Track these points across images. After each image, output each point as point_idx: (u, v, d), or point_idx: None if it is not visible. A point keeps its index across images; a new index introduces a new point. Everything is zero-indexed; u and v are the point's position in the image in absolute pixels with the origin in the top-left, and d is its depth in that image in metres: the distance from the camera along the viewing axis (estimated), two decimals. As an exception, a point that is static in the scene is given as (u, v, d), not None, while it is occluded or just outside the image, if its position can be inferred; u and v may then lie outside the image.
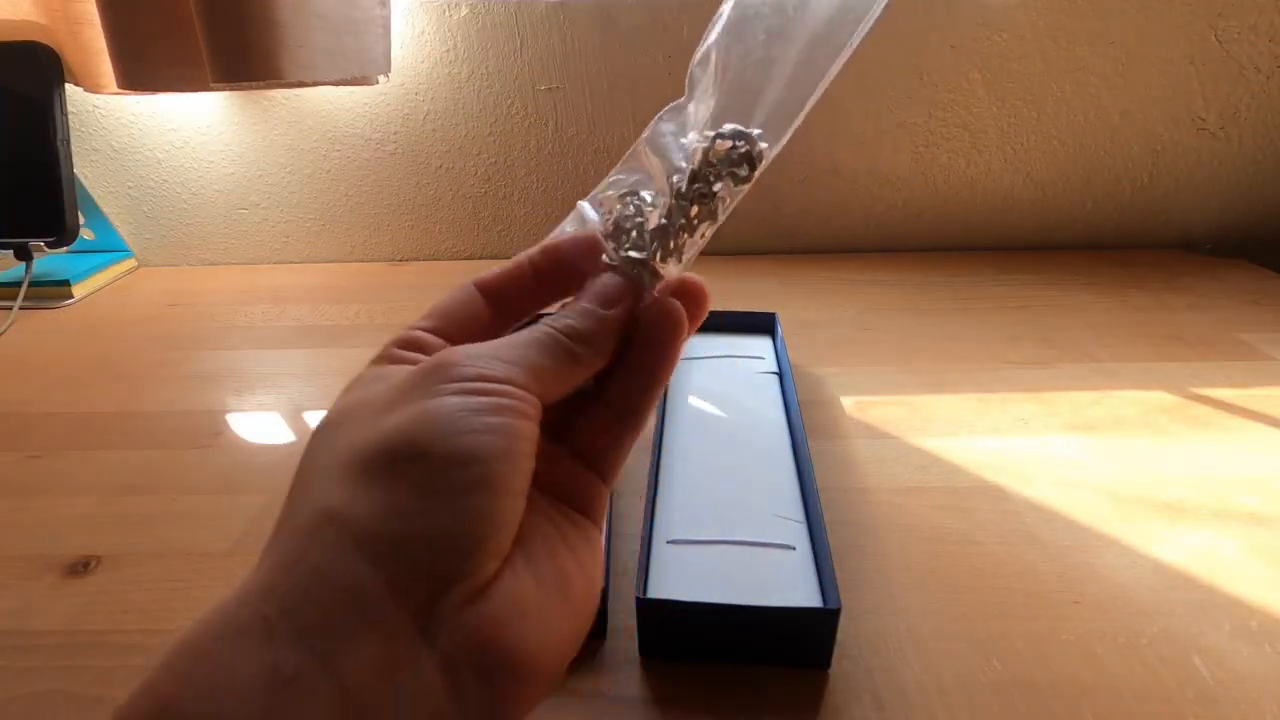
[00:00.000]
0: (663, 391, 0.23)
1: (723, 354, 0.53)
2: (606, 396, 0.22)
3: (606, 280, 0.22)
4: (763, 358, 0.52)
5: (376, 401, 0.19)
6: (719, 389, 0.48)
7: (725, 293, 0.69)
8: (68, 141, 0.68)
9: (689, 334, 0.23)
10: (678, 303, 0.22)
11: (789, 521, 0.36)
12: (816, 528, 0.35)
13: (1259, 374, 0.52)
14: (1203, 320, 0.60)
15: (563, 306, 0.22)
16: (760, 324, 0.55)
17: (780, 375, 0.49)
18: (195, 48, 0.60)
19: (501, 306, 0.23)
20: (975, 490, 0.40)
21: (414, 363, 0.21)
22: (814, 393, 0.50)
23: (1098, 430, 0.45)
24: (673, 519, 0.37)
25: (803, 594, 0.32)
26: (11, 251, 0.70)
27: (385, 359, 0.22)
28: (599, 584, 0.21)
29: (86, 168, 0.77)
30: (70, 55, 0.67)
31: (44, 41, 0.66)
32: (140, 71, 0.63)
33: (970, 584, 0.34)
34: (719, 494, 0.39)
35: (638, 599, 0.30)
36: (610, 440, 0.22)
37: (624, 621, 0.32)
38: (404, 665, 0.16)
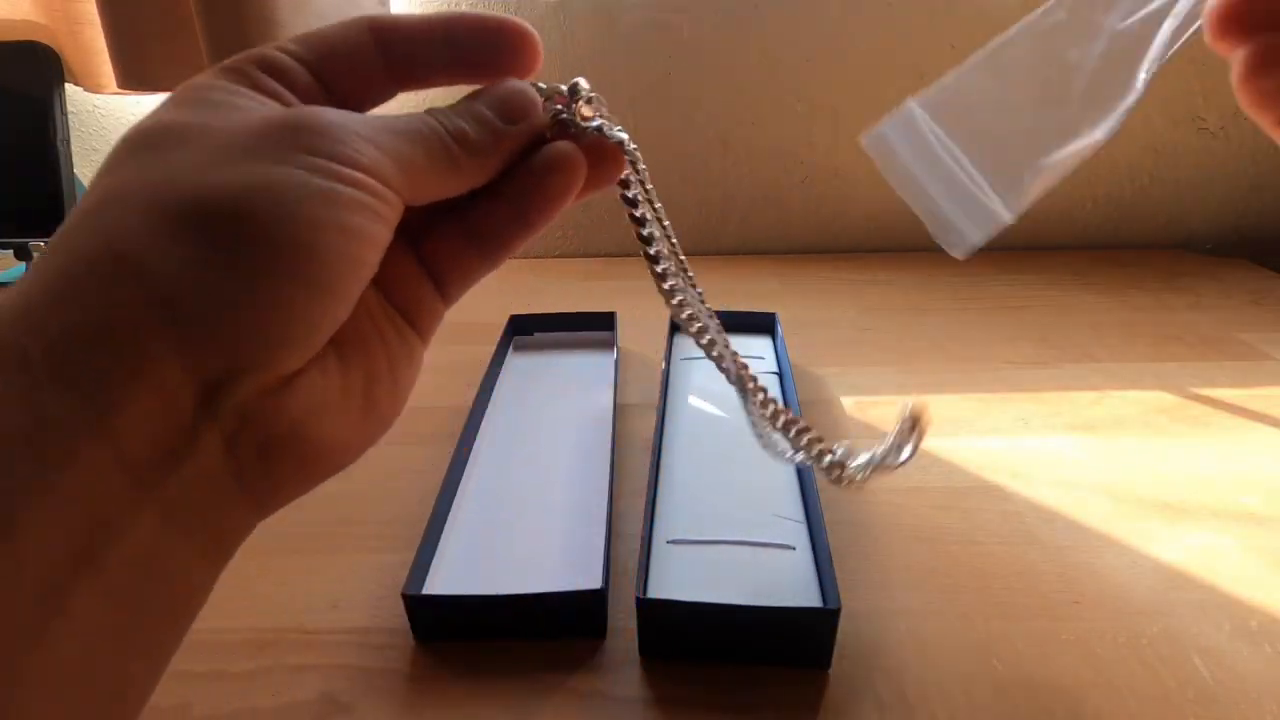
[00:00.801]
0: (531, 235, 0.21)
1: None
2: (469, 216, 0.20)
3: (514, 89, 0.19)
4: (763, 358, 0.52)
5: (218, 137, 0.16)
6: (719, 389, 0.48)
7: (725, 293, 0.68)
8: (68, 141, 0.68)
9: (577, 198, 0.20)
10: (582, 157, 0.20)
11: (789, 521, 0.36)
12: (816, 528, 0.35)
13: (1259, 374, 0.52)
14: (1203, 320, 0.60)
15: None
16: (760, 324, 0.56)
17: (780, 375, 0.49)
18: (195, 48, 0.60)
19: (392, 61, 0.19)
20: (975, 490, 0.40)
21: (274, 95, 0.18)
22: (814, 393, 0.50)
23: (1098, 430, 0.45)
24: (673, 519, 0.37)
25: (803, 594, 0.32)
26: (11, 251, 0.69)
27: (239, 75, 0.18)
28: (404, 401, 0.20)
29: (86, 168, 0.77)
30: (70, 55, 0.67)
31: (44, 41, 0.66)
32: (140, 71, 0.63)
33: (970, 584, 0.34)
34: (719, 494, 0.39)
35: (638, 599, 0.30)
36: (461, 265, 0.20)
37: (624, 622, 0.32)
38: (183, 433, 0.15)
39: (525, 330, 0.57)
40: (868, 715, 0.28)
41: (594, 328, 0.56)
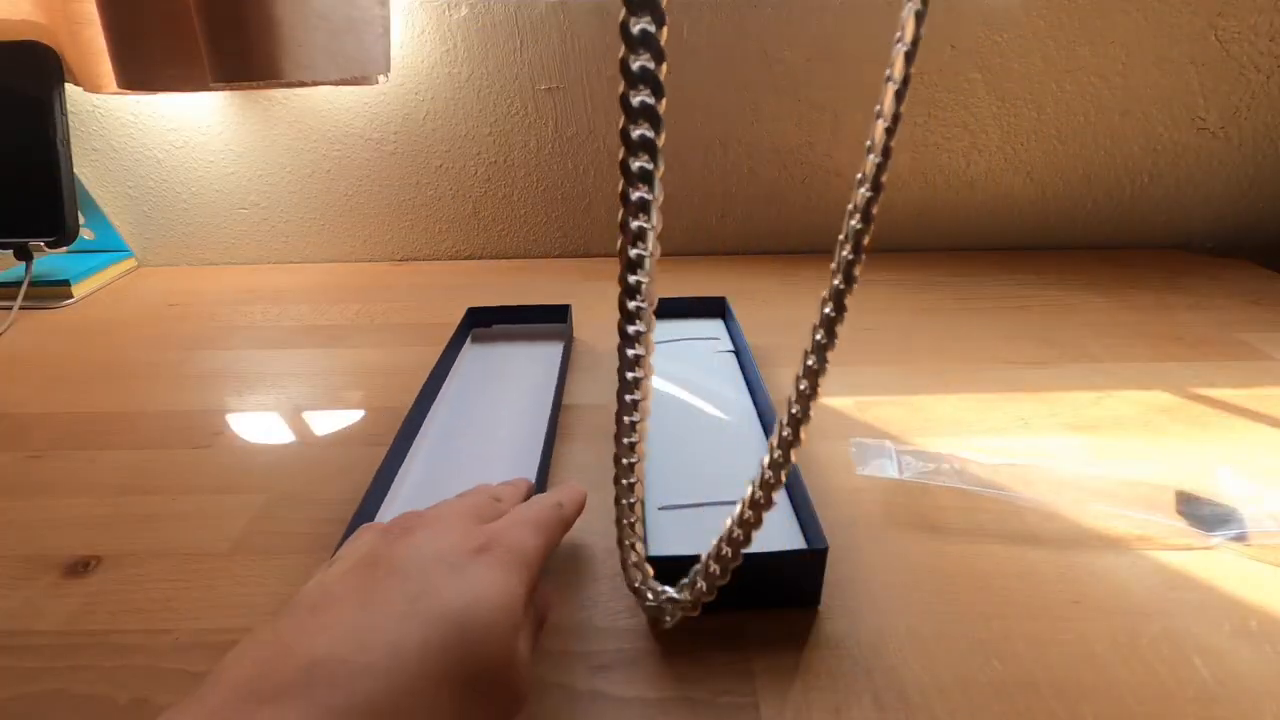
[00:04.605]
0: None
1: (678, 338, 0.56)
2: None
3: (583, 494, 0.33)
4: (718, 338, 0.56)
5: None
6: (679, 370, 0.52)
7: (725, 292, 0.68)
8: (68, 141, 0.68)
9: None
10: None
11: None
12: (793, 483, 0.37)
13: (1259, 374, 0.52)
14: (1203, 320, 0.60)
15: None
16: (712, 308, 0.60)
17: (737, 352, 0.53)
18: (195, 48, 0.60)
19: None
20: (975, 490, 0.40)
21: None
22: (814, 393, 0.50)
23: (1098, 430, 0.45)
24: (660, 487, 0.39)
25: (790, 542, 0.35)
26: (11, 251, 0.70)
27: None
28: None
29: (86, 168, 0.77)
30: (70, 55, 0.67)
31: (44, 41, 0.66)
32: (140, 71, 0.63)
33: (970, 584, 0.34)
34: (699, 462, 0.41)
35: (648, 557, 0.31)
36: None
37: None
38: None
39: (484, 323, 0.59)
40: (868, 715, 0.28)
41: (551, 320, 0.59)
